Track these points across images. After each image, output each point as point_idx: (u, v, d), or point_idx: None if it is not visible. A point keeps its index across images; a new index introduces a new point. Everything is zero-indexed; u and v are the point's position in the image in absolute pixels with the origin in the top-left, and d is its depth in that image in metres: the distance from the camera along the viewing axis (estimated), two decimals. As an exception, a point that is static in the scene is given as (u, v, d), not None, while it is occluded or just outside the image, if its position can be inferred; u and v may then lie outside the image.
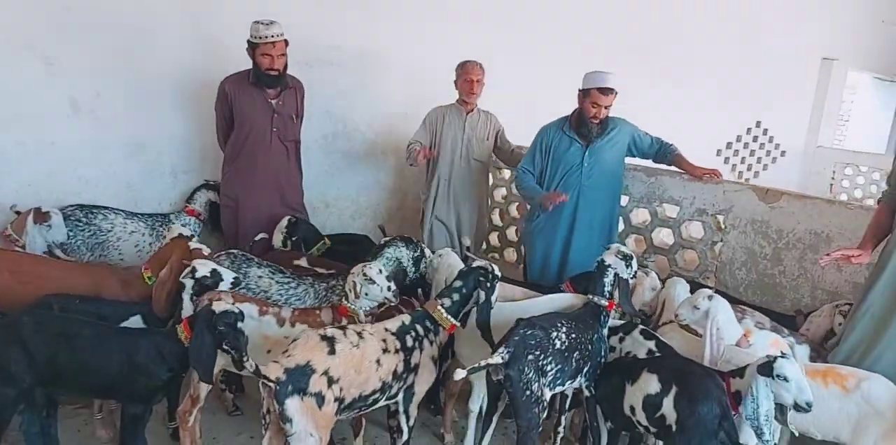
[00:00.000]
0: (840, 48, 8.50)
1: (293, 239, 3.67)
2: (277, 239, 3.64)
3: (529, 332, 2.36)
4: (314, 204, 4.49)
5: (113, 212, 3.64)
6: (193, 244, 2.89)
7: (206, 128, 3.97)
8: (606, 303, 2.71)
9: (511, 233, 4.86)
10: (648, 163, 3.87)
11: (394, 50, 4.73)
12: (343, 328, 2.27)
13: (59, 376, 2.32)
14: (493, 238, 4.93)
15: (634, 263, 2.80)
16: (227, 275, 2.60)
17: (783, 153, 8.53)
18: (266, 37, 3.50)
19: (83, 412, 3.06)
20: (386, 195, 4.94)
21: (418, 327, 2.47)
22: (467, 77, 3.95)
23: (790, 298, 3.30)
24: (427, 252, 3.16)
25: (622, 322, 2.94)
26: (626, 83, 3.58)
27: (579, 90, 3.53)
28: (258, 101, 3.69)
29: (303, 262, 3.41)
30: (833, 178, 8.57)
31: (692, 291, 3.13)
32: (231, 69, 3.75)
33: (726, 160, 7.81)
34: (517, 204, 4.80)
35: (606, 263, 2.75)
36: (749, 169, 8.18)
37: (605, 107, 3.46)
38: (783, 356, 2.30)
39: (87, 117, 3.64)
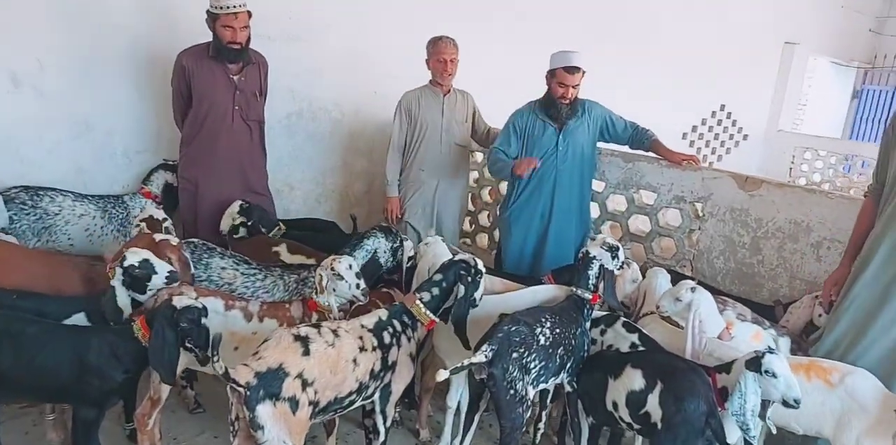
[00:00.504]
0: (801, 32, 8.56)
1: (248, 224, 3.45)
2: (226, 224, 3.42)
3: (514, 328, 2.25)
4: (278, 187, 4.28)
5: (61, 194, 3.37)
6: (160, 236, 2.66)
7: (161, 105, 3.71)
8: (590, 297, 2.62)
9: (483, 218, 4.74)
10: (626, 148, 3.78)
11: (362, 25, 4.49)
12: (317, 326, 2.12)
13: (1, 379, 2.11)
14: (465, 223, 4.80)
15: (621, 254, 2.72)
16: (162, 268, 2.37)
17: (745, 137, 8.60)
18: (228, 7, 3.25)
19: (31, 411, 2.84)
20: (353, 178, 4.75)
21: (395, 323, 2.33)
22: (440, 56, 3.72)
23: (768, 288, 3.28)
24: (407, 243, 3.02)
25: (603, 313, 2.85)
26: (592, 68, 3.49)
27: (547, 72, 3.44)
28: (219, 77, 3.45)
29: (282, 249, 3.24)
30: (793, 162, 8.71)
31: (672, 281, 3.11)
32: (189, 41, 3.49)
33: (691, 143, 7.83)
34: (489, 188, 4.68)
35: (591, 255, 2.66)
36: (713, 152, 8.23)
37: (574, 87, 3.38)
38: (771, 351, 2.25)
39: (28, 92, 3.35)
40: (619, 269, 2.78)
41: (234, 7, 3.26)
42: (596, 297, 2.66)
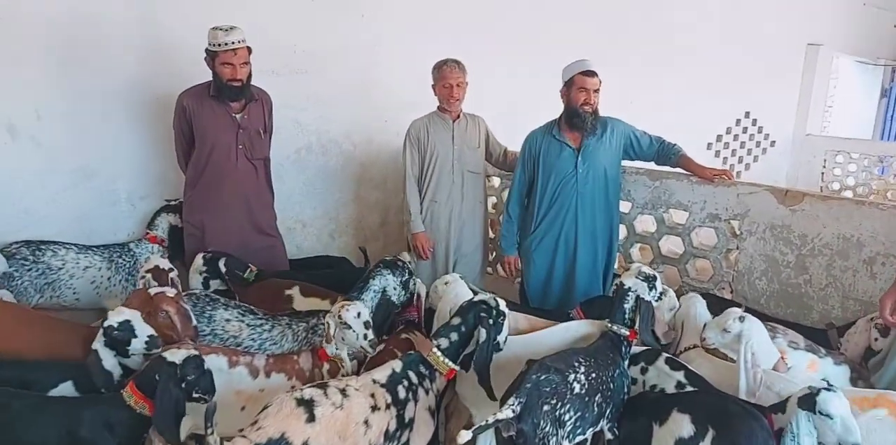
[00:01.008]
0: (824, 33, 8.29)
1: (225, 276, 3.17)
2: (195, 281, 3.16)
3: (543, 377, 2.03)
4: (289, 225, 4.13)
5: (63, 247, 3.25)
6: (155, 289, 2.49)
7: (164, 149, 3.59)
8: (627, 333, 2.40)
9: (504, 245, 4.53)
10: (651, 165, 3.57)
11: (370, 54, 4.37)
12: (323, 386, 1.92)
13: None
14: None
15: (659, 284, 2.49)
16: (142, 332, 2.21)
17: (773, 143, 8.31)
18: (226, 44, 3.13)
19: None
20: (367, 210, 4.59)
21: (411, 374, 2.13)
22: (445, 82, 3.55)
23: (818, 310, 3.01)
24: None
25: (642, 348, 2.62)
26: (611, 81, 3.37)
27: (563, 86, 3.33)
28: (220, 116, 3.32)
29: (295, 292, 3.05)
30: (824, 166, 8.36)
31: (710, 305, 2.86)
32: (191, 81, 3.38)
33: (717, 153, 7.56)
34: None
35: (626, 286, 2.44)
36: (740, 161, 7.95)
37: (595, 92, 3.24)
38: (828, 387, 2.00)
39: (26, 143, 3.24)
40: (657, 300, 2.55)
41: (233, 43, 3.15)
42: (633, 334, 2.44)
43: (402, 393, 2.08)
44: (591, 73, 3.23)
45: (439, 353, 2.18)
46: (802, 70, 8.34)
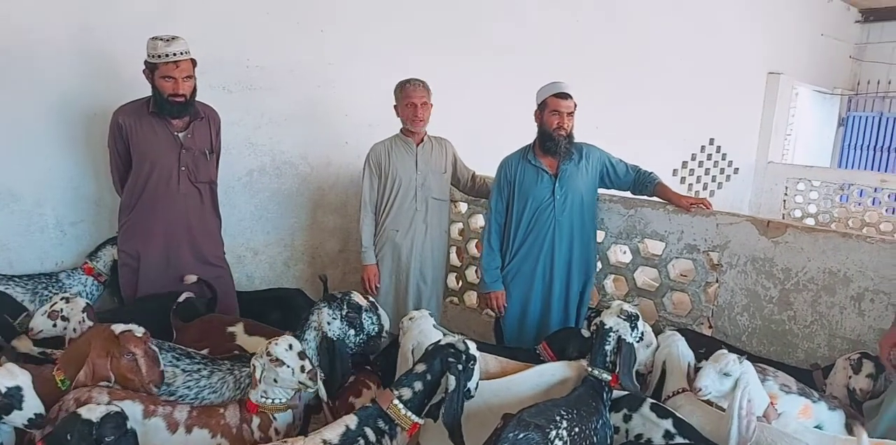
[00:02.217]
0: (784, 62, 8.41)
1: None
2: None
3: (522, 436, 1.78)
4: (239, 253, 3.83)
5: (-22, 279, 2.90)
6: (121, 326, 2.13)
7: (99, 170, 3.28)
8: (609, 377, 2.17)
9: (471, 274, 4.29)
10: (625, 193, 3.40)
11: (331, 71, 4.12)
12: (264, 451, 1.64)
13: None
14: (451, 279, 4.35)
15: (641, 324, 2.28)
16: (31, 407, 1.86)
17: (736, 170, 8.33)
18: (167, 55, 2.86)
19: None
20: (325, 236, 4.30)
21: (368, 431, 1.86)
22: (409, 101, 3.32)
23: (804, 348, 2.84)
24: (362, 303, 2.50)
25: (624, 394, 2.39)
26: (580, 108, 3.18)
27: (536, 108, 3.17)
28: (161, 135, 3.03)
29: (238, 329, 2.75)
30: (786, 194, 8.42)
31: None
32: (128, 97, 3.09)
33: (682, 180, 7.52)
34: (476, 241, 4.25)
35: (607, 326, 2.22)
36: (705, 187, 7.92)
37: (569, 115, 3.09)
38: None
39: (-62, 161, 2.91)
40: (638, 342, 2.33)
41: (175, 55, 2.87)
42: (615, 378, 2.21)
43: (357, 455, 1.80)
44: (565, 96, 3.09)
45: (401, 406, 1.92)
46: (763, 98, 8.43)
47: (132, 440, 1.77)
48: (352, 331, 2.39)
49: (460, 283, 4.37)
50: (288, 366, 2.01)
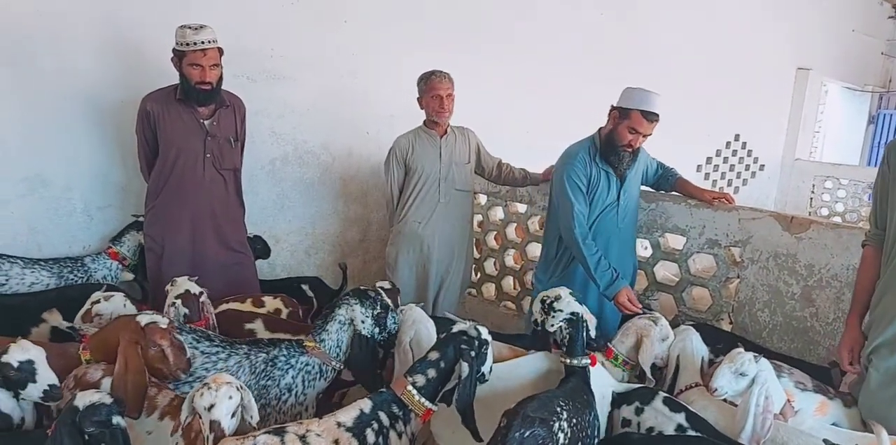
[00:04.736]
0: (813, 58, 8.26)
1: None
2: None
3: (529, 434, 1.75)
4: (261, 240, 3.88)
5: (7, 261, 2.97)
6: (146, 318, 2.15)
7: (126, 156, 3.34)
8: (589, 361, 2.21)
9: (490, 266, 4.31)
10: (645, 188, 3.38)
11: (353, 62, 4.15)
12: (281, 432, 1.67)
13: None
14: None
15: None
16: (44, 378, 1.88)
17: (762, 167, 8.22)
18: (195, 43, 2.89)
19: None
20: (346, 225, 4.34)
21: (382, 415, 1.88)
22: (434, 92, 3.32)
23: (826, 346, 2.81)
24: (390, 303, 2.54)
25: (636, 386, 2.39)
26: (600, 99, 3.10)
27: (615, 107, 2.90)
28: (188, 122, 3.08)
29: (258, 326, 2.74)
30: (813, 192, 8.29)
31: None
32: (155, 84, 3.14)
33: (706, 176, 7.44)
34: (495, 233, 4.26)
35: (580, 314, 2.32)
36: (729, 184, 7.83)
37: (645, 136, 2.87)
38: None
39: (-29, 146, 2.98)
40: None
41: (203, 43, 2.91)
42: (595, 359, 2.31)
43: (370, 438, 1.82)
44: (653, 117, 2.79)
45: (415, 392, 1.94)
46: (792, 94, 8.29)
47: (119, 437, 1.67)
48: (377, 330, 2.41)
49: (479, 275, 4.38)
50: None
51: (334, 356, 2.36)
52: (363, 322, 2.33)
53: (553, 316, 2.32)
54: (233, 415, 1.71)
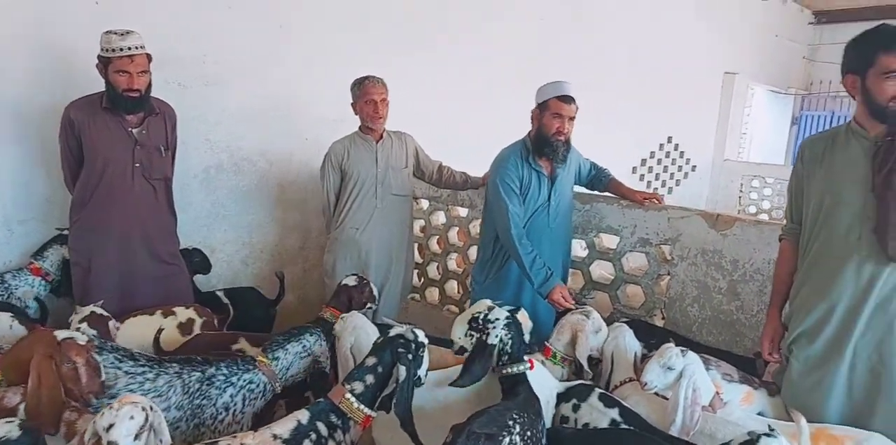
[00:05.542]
0: (740, 63, 8.63)
1: None
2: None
3: None
4: (196, 250, 3.79)
5: (-79, 278, 2.83)
6: (64, 333, 2.04)
7: (50, 167, 3.21)
8: (528, 365, 2.18)
9: (433, 271, 4.33)
10: (580, 188, 3.46)
11: (291, 67, 4.11)
12: (214, 445, 1.64)
13: None
14: (413, 277, 4.36)
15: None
16: None
17: (694, 168, 8.52)
18: (121, 49, 2.82)
19: None
20: (285, 233, 4.29)
21: (320, 426, 1.85)
22: (368, 97, 3.32)
23: (751, 337, 2.93)
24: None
25: (574, 383, 2.44)
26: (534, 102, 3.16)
27: (535, 107, 3.04)
28: (114, 131, 2.99)
29: (243, 345, 2.68)
30: (741, 190, 8.66)
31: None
32: (83, 91, 3.04)
33: (641, 177, 7.67)
34: (437, 237, 4.28)
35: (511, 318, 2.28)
36: (663, 185, 8.10)
37: (570, 120, 2.98)
38: (770, 433, 1.86)
39: None
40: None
41: (130, 49, 2.84)
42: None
43: (308, 450, 1.80)
44: (569, 99, 2.94)
45: (353, 399, 1.92)
46: (720, 97, 8.64)
47: None
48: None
49: (422, 280, 4.39)
50: None
51: (280, 378, 2.33)
52: (327, 359, 2.31)
53: (493, 327, 2.21)
54: (136, 437, 1.61)
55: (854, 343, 2.20)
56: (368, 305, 2.85)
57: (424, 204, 4.28)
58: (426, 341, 2.10)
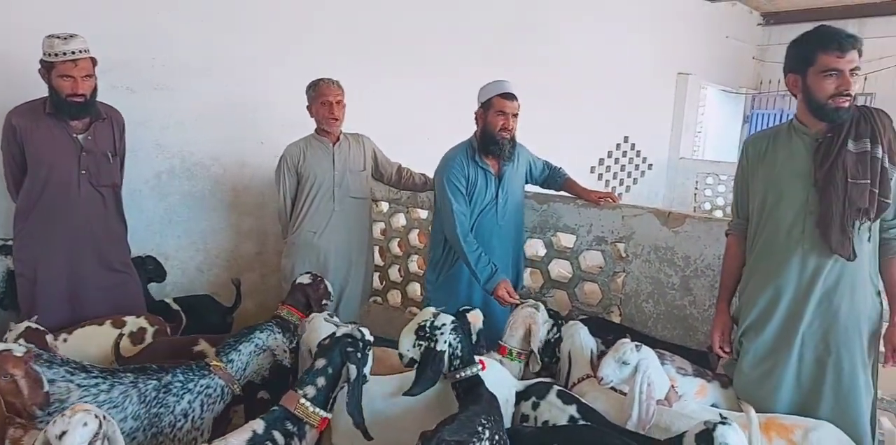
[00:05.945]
0: (692, 63, 8.82)
1: None
2: None
3: None
4: (149, 258, 3.70)
5: None
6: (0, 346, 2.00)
7: (-7, 174, 3.11)
8: (480, 367, 2.18)
9: (394, 273, 4.31)
10: (537, 188, 3.50)
11: (244, 70, 4.05)
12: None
13: None
14: (374, 278, 4.34)
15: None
16: None
17: (650, 166, 8.68)
18: (64, 53, 2.74)
19: None
20: (241, 239, 4.22)
21: (276, 434, 1.83)
22: (324, 98, 3.31)
23: (703, 331, 2.99)
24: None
25: (533, 382, 2.46)
26: None
27: (479, 107, 3.08)
28: (59, 137, 2.90)
29: (203, 346, 2.65)
30: (696, 188, 8.85)
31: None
32: (28, 96, 2.95)
33: (600, 176, 7.79)
34: (398, 240, 4.26)
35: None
36: (621, 183, 8.23)
37: (514, 116, 3.03)
38: (724, 421, 1.91)
39: None
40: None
41: (73, 53, 2.76)
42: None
43: (266, 459, 1.78)
44: (511, 96, 3.00)
45: (308, 404, 1.91)
46: (674, 97, 8.81)
47: None
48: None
49: (384, 283, 4.37)
50: None
51: (238, 379, 2.30)
52: (285, 352, 2.29)
53: (441, 333, 2.17)
54: None
55: (801, 333, 2.27)
56: (324, 302, 2.83)
57: (384, 206, 4.26)
58: (372, 339, 2.09)
